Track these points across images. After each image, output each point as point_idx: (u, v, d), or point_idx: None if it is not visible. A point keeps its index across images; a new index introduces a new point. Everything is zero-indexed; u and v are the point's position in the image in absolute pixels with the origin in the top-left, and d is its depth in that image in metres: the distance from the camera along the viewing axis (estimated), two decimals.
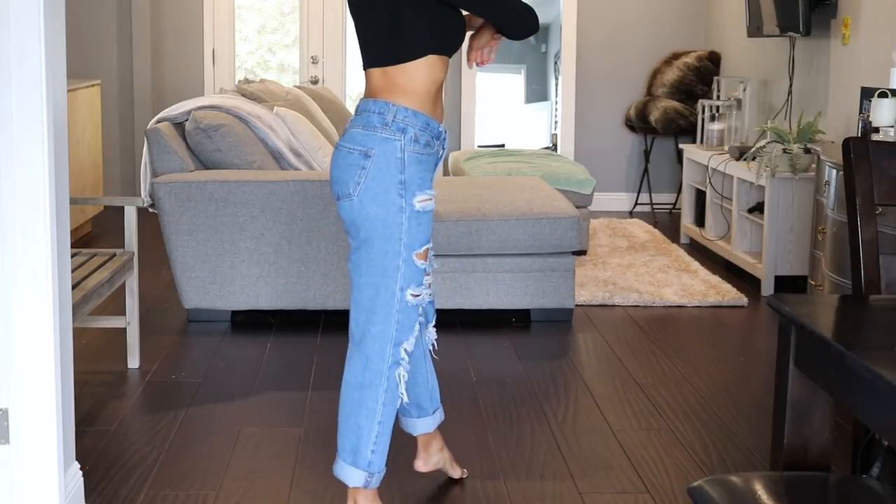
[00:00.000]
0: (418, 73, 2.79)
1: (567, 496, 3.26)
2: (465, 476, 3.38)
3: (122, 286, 4.42)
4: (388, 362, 2.89)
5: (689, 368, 4.50)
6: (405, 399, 2.99)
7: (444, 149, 2.94)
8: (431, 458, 3.33)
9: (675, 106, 8.04)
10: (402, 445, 3.37)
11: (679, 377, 4.38)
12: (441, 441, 3.35)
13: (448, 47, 2.84)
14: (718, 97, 7.53)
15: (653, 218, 8.02)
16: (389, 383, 2.91)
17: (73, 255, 4.25)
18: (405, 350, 2.91)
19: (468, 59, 3.00)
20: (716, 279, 5.91)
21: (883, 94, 4.74)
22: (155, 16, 8.36)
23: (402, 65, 2.79)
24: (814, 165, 5.38)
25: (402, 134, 2.77)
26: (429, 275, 3.03)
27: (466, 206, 5.08)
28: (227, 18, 8.50)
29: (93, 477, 3.32)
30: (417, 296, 2.88)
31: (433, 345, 3.24)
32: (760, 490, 2.07)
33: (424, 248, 2.87)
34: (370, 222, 2.80)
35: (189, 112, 5.11)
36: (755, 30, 6.88)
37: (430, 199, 2.85)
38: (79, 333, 4.24)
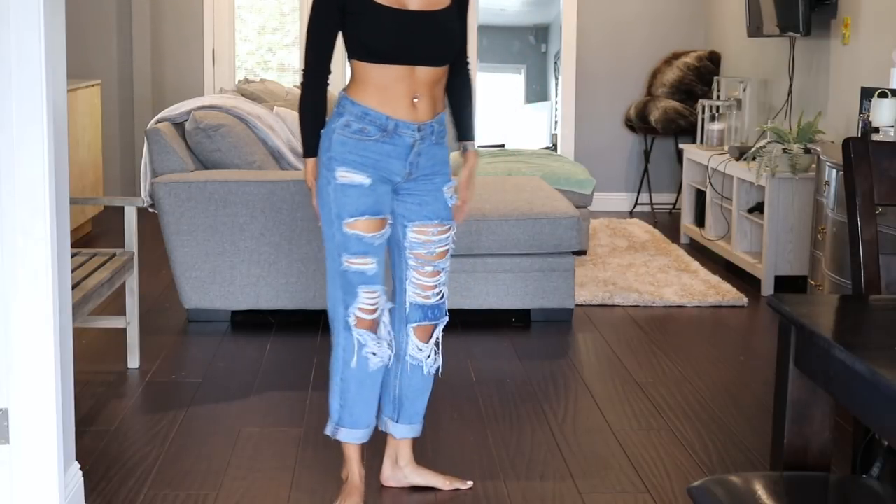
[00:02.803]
0: (361, 71, 3.01)
1: (567, 496, 3.26)
2: (450, 488, 3.29)
3: (122, 286, 4.42)
4: (342, 323, 3.09)
5: (689, 368, 4.50)
6: (372, 361, 3.08)
7: (407, 138, 3.03)
8: (385, 471, 3.32)
9: (675, 106, 8.04)
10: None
11: (679, 377, 4.38)
12: (392, 457, 3.31)
13: (368, 55, 2.97)
14: (718, 97, 7.53)
15: (653, 218, 8.02)
16: (345, 342, 3.09)
17: (73, 255, 4.25)
18: (356, 316, 3.05)
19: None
20: (716, 279, 5.91)
21: (883, 94, 4.74)
22: (155, 16, 8.36)
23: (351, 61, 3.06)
24: (814, 165, 5.38)
25: (338, 118, 3.03)
26: (439, 274, 3.17)
27: (466, 206, 5.06)
28: (227, 18, 8.50)
29: (93, 477, 3.32)
30: (353, 263, 3.03)
31: (433, 351, 3.22)
32: (760, 490, 2.07)
33: (356, 219, 3.01)
34: (318, 195, 3.08)
35: (189, 112, 5.11)
36: (755, 30, 6.88)
37: (355, 175, 3.00)
38: (79, 333, 4.24)
